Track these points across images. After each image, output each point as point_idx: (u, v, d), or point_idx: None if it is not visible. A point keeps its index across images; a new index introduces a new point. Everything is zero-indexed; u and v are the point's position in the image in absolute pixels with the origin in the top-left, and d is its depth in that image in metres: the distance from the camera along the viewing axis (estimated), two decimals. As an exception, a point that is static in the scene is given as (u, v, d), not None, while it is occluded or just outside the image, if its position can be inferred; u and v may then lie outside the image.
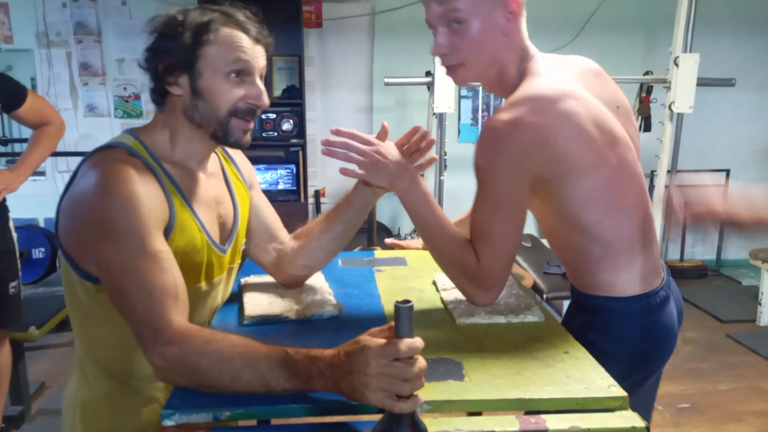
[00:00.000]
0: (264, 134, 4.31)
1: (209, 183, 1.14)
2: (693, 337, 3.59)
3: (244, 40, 1.03)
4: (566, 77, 1.16)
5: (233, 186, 1.21)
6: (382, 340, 0.75)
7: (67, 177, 4.41)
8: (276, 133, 4.31)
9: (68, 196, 1.00)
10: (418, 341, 0.75)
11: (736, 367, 3.23)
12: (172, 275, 0.95)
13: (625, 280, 1.18)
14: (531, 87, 1.12)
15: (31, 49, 4.36)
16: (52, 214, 4.30)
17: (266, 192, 1.36)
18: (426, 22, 1.17)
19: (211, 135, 1.07)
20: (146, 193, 0.97)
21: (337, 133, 1.18)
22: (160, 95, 1.06)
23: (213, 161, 1.18)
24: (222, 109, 1.04)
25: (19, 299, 2.25)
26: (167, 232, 1.01)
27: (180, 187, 1.06)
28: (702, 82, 3.23)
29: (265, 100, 1.06)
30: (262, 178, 4.28)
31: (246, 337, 0.87)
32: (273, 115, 4.32)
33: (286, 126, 4.30)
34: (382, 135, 1.20)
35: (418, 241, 1.67)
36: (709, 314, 3.90)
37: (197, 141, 1.08)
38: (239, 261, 1.25)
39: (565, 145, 1.08)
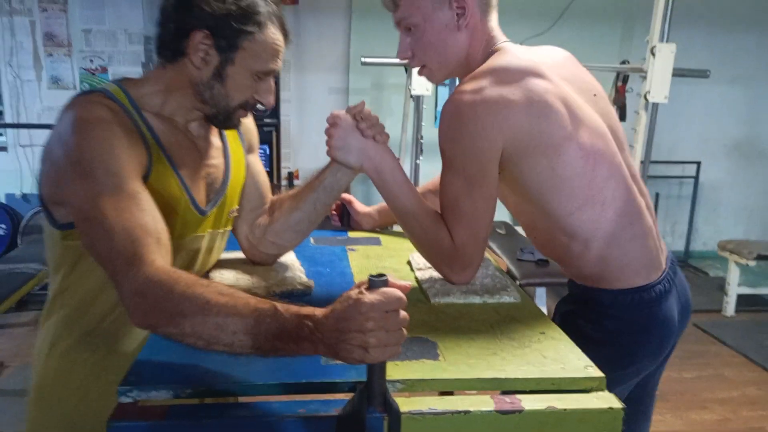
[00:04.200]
0: (237, 113, 4.21)
1: (198, 139, 1.09)
2: (660, 325, 3.64)
3: (282, 45, 1.03)
4: (535, 59, 1.13)
5: (229, 146, 1.16)
6: (376, 295, 0.69)
7: (29, 151, 4.26)
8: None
9: (46, 143, 0.96)
10: (399, 291, 0.71)
11: (701, 355, 3.28)
12: (153, 217, 0.88)
13: (615, 273, 1.14)
14: (494, 62, 1.10)
15: (-8, 17, 4.17)
16: (13, 190, 4.13)
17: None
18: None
19: (209, 115, 1.05)
20: (124, 135, 0.93)
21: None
22: (173, 53, 1.00)
23: None
24: (234, 101, 1.03)
25: None
26: (144, 180, 0.95)
27: (160, 139, 1.01)
28: (677, 73, 3.24)
29: (273, 101, 1.07)
30: (234, 158, 4.17)
31: (232, 287, 0.80)
32: (246, 94, 4.22)
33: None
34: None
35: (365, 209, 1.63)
36: (676, 303, 3.96)
37: (189, 106, 1.05)
38: (228, 228, 1.19)
39: (531, 122, 1.05)
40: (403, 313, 0.71)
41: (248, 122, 1.24)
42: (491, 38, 1.15)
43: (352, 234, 1.60)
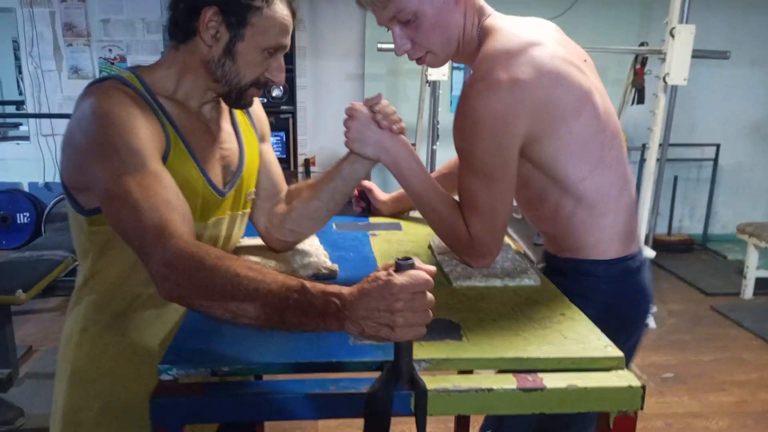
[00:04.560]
0: (254, 100, 4.24)
1: (211, 122, 1.12)
2: (678, 309, 3.64)
3: (290, 21, 1.04)
4: (526, 29, 1.14)
5: (241, 130, 1.19)
6: (405, 277, 0.72)
7: (51, 141, 4.34)
8: (265, 100, 4.24)
9: (66, 131, 0.99)
10: (427, 273, 0.74)
11: (719, 338, 3.29)
12: (176, 195, 0.91)
13: (608, 242, 1.17)
14: (492, 45, 1.09)
15: (13, 8, 4.23)
16: (36, 179, 4.22)
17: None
18: (379, 25, 1.16)
19: (222, 94, 1.07)
20: (143, 117, 0.96)
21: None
22: (185, 34, 1.03)
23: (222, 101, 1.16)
24: (246, 78, 1.05)
25: None
26: (163, 161, 0.98)
27: (175, 122, 1.03)
28: (697, 54, 3.21)
29: (284, 78, 1.09)
30: (251, 145, 4.22)
31: (260, 262, 0.82)
32: (263, 81, 4.25)
33: (276, 92, 4.24)
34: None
35: (384, 196, 1.65)
36: (694, 287, 3.95)
37: (203, 87, 1.07)
38: (247, 210, 1.22)
39: (547, 93, 1.06)
40: (429, 295, 0.73)
41: (260, 112, 1.26)
42: (481, 8, 1.16)
43: (372, 219, 1.63)
